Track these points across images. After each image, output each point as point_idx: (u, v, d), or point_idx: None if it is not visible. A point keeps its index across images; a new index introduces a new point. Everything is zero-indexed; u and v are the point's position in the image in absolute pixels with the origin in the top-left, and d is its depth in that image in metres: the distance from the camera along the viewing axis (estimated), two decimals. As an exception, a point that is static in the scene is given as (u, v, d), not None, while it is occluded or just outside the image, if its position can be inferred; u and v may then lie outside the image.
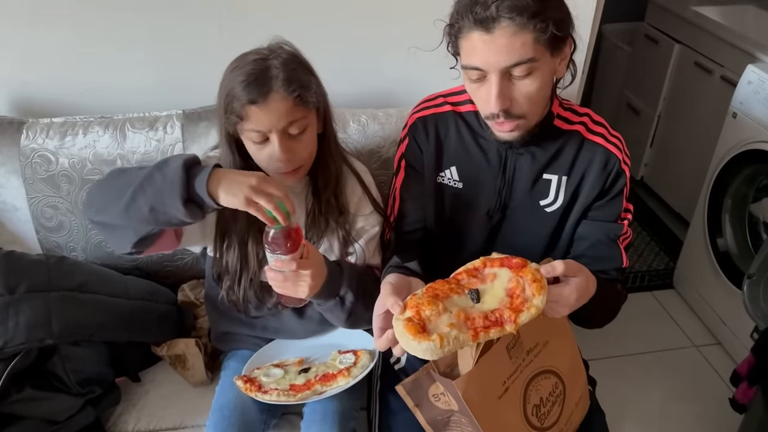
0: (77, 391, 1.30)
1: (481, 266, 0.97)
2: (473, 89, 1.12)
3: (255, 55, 1.17)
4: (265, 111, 1.14)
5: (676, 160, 2.82)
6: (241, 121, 1.15)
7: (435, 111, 1.29)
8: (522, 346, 1.02)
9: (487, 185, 1.26)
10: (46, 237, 1.54)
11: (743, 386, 1.72)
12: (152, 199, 1.04)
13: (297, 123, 1.17)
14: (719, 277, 2.20)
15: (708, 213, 2.25)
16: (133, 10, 1.56)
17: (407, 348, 0.88)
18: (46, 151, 1.49)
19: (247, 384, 1.26)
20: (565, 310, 0.99)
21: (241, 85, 1.13)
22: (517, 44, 1.01)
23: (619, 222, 1.26)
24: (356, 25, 1.67)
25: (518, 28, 1.00)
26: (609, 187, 1.24)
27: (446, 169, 1.28)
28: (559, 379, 1.09)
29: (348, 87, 1.68)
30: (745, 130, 2.06)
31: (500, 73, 1.04)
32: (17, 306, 1.23)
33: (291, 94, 1.14)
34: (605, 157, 1.22)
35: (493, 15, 1.00)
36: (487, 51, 1.03)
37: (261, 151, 1.19)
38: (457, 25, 1.06)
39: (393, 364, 1.36)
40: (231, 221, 1.25)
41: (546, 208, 1.26)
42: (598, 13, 1.74)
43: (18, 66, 1.60)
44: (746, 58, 2.22)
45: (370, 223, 1.34)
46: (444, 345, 0.86)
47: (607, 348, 2.21)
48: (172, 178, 1.03)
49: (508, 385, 1.01)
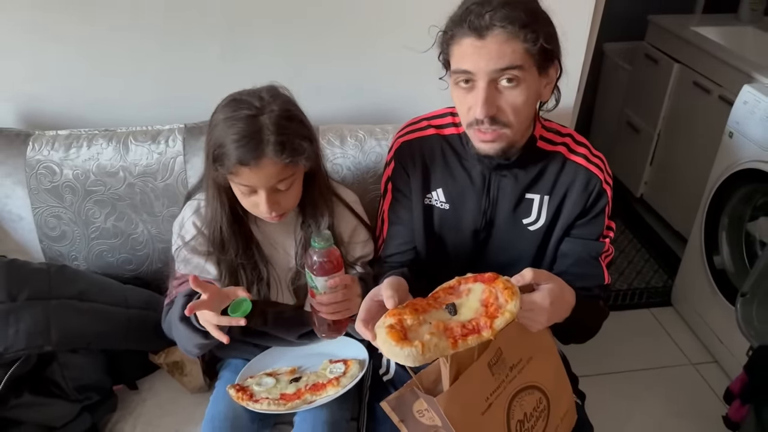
0: (75, 398, 1.32)
1: (456, 284, 1.00)
2: (460, 96, 1.14)
3: (247, 109, 1.18)
4: (255, 172, 1.17)
5: (675, 178, 2.83)
6: (230, 174, 1.20)
7: (420, 135, 1.33)
8: (505, 362, 1.03)
9: (473, 206, 1.29)
10: (49, 246, 1.58)
11: (736, 404, 1.72)
12: (180, 343, 1.26)
13: (285, 181, 1.22)
14: (716, 295, 2.21)
15: (705, 231, 2.27)
16: (138, 29, 1.61)
17: (389, 354, 0.90)
18: (51, 163, 1.53)
19: (239, 393, 1.28)
20: (542, 317, 1.01)
21: (234, 144, 1.16)
22: (508, 50, 1.06)
23: (601, 240, 1.29)
24: (353, 43, 1.70)
25: (509, 35, 1.05)
26: (590, 206, 1.27)
27: (433, 191, 1.32)
28: (543, 394, 1.10)
29: (345, 103, 1.72)
30: (741, 150, 2.08)
31: (488, 78, 1.08)
32: (18, 313, 1.26)
33: (283, 160, 1.18)
34: (587, 178, 1.25)
35: (487, 23, 1.05)
36: (478, 55, 1.07)
37: (247, 199, 1.24)
38: (450, 33, 1.11)
39: (382, 376, 1.38)
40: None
41: (529, 227, 1.29)
42: (594, 31, 1.77)
43: (26, 80, 1.65)
44: (744, 79, 2.25)
45: (367, 250, 1.39)
46: (425, 351, 0.88)
47: (605, 364, 2.22)
48: (179, 328, 1.19)
49: (492, 401, 1.02)
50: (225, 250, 1.30)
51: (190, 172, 1.55)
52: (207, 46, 1.65)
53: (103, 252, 1.58)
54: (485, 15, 1.04)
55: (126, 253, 1.59)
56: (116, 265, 1.60)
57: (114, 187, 1.54)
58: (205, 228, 1.32)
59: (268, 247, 1.35)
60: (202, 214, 1.34)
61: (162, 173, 1.55)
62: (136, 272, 1.62)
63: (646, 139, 2.96)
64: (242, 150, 1.15)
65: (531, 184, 1.26)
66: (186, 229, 1.34)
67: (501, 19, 1.04)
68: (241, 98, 1.22)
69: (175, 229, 1.37)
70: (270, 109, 1.19)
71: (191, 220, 1.34)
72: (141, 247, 1.59)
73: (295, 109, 1.24)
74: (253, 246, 1.32)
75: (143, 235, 1.58)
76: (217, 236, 1.30)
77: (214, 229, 1.30)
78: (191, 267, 1.31)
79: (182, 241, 1.33)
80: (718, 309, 2.21)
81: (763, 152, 1.97)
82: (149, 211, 1.56)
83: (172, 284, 1.36)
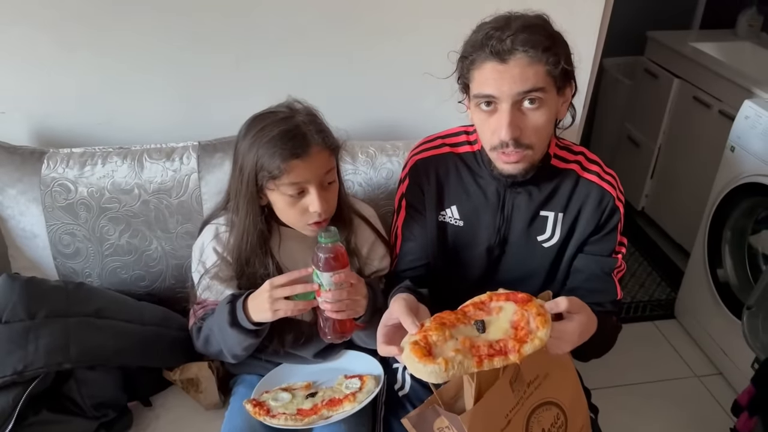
0: (92, 415, 1.32)
1: (487, 300, 1.01)
2: (482, 120, 1.16)
3: (277, 116, 1.24)
4: (308, 163, 1.21)
5: (677, 192, 2.86)
6: (279, 176, 1.21)
7: (434, 153, 1.35)
8: (523, 379, 1.05)
9: (487, 223, 1.31)
10: (63, 263, 1.59)
11: (744, 416, 1.73)
12: (227, 349, 1.29)
13: (331, 173, 1.27)
14: (720, 307, 2.23)
15: (708, 244, 2.29)
16: (153, 47, 1.63)
17: (413, 370, 0.91)
18: (66, 180, 1.54)
19: (256, 408, 1.28)
20: (567, 346, 1.03)
21: (281, 141, 1.20)
22: (530, 73, 1.08)
23: (613, 256, 1.31)
24: (365, 60, 1.73)
25: (532, 59, 1.07)
26: (604, 223, 1.29)
27: (447, 209, 1.34)
28: (560, 410, 1.12)
29: (356, 120, 1.73)
30: (743, 164, 2.11)
31: (512, 101, 1.09)
32: (37, 331, 1.26)
33: (328, 146, 1.24)
34: (600, 195, 1.28)
35: (509, 47, 1.06)
36: (501, 79, 1.08)
37: (293, 207, 1.25)
38: (471, 57, 1.12)
39: (397, 391, 1.39)
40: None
41: (543, 244, 1.31)
42: (598, 51, 1.80)
43: (41, 98, 1.66)
44: (743, 94, 2.28)
45: (384, 264, 1.41)
46: (449, 369, 0.89)
47: (609, 377, 2.23)
48: (229, 333, 1.24)
49: (511, 418, 1.03)
50: (249, 266, 1.32)
51: (204, 189, 1.56)
52: (221, 62, 1.67)
53: (117, 269, 1.59)
54: (506, 39, 1.06)
55: (140, 269, 1.60)
56: (130, 282, 1.60)
57: (128, 204, 1.55)
58: (226, 253, 1.34)
59: (290, 266, 1.36)
60: (222, 240, 1.35)
61: (176, 190, 1.56)
62: (149, 289, 1.62)
63: (647, 153, 2.99)
64: (291, 144, 1.20)
65: (545, 202, 1.29)
66: (206, 254, 1.36)
67: (523, 42, 1.06)
68: (265, 113, 1.27)
69: (195, 254, 1.39)
70: (299, 112, 1.26)
71: (211, 245, 1.36)
72: (155, 263, 1.60)
73: (317, 112, 1.30)
74: (273, 264, 1.33)
75: (157, 252, 1.59)
76: (244, 255, 1.32)
77: (240, 248, 1.32)
78: (214, 293, 1.34)
79: (203, 267, 1.35)
80: (722, 321, 2.23)
81: (765, 166, 2.00)
82: (163, 228, 1.57)
83: (195, 309, 1.38)
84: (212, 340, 1.31)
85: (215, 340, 1.30)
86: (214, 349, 1.33)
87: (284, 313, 1.19)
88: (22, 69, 1.62)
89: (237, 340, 1.25)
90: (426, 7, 1.68)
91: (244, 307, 1.22)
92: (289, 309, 1.18)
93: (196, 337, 1.36)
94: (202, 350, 1.37)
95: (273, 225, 1.35)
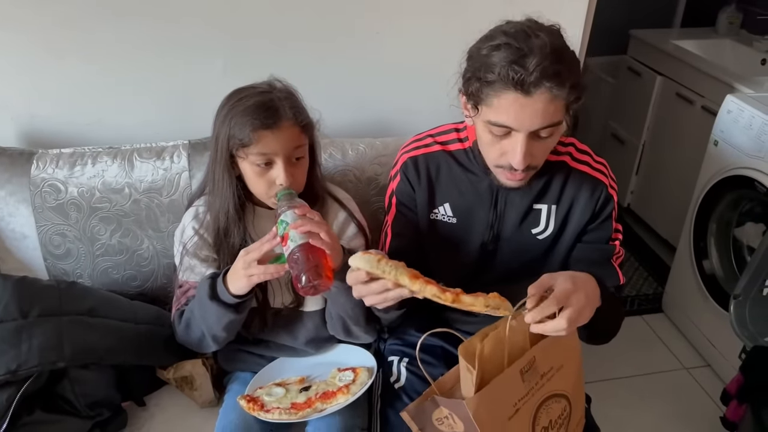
0: (86, 414, 1.31)
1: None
2: (490, 140, 1.14)
3: (257, 89, 1.29)
4: (277, 135, 1.24)
5: (662, 188, 2.90)
6: (249, 145, 1.24)
7: (425, 151, 1.35)
8: (537, 370, 1.05)
9: (480, 219, 1.32)
10: (54, 264, 1.58)
11: (733, 404, 1.76)
12: (207, 328, 1.29)
13: (300, 149, 1.29)
14: (707, 300, 2.26)
15: (694, 238, 2.32)
16: (141, 46, 1.63)
17: (351, 260, 1.05)
18: (55, 181, 1.53)
19: (249, 403, 1.29)
20: (580, 299, 1.00)
21: (254, 112, 1.23)
22: (552, 109, 1.06)
23: (610, 243, 1.32)
24: (354, 58, 1.74)
25: (555, 95, 1.04)
26: (599, 212, 1.31)
27: (440, 206, 1.34)
28: (567, 401, 1.12)
29: (346, 117, 1.75)
30: (726, 157, 2.14)
31: (529, 133, 1.09)
32: (30, 330, 1.26)
33: (299, 123, 1.26)
34: (592, 184, 1.29)
35: (534, 81, 1.02)
36: (522, 113, 1.06)
37: (261, 178, 1.28)
38: (489, 78, 1.06)
39: (393, 383, 1.40)
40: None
41: (538, 236, 1.32)
42: (583, 50, 1.83)
43: (29, 99, 1.65)
44: (725, 89, 2.32)
45: (354, 244, 1.41)
46: (381, 263, 1.02)
47: (599, 371, 2.25)
48: (209, 307, 1.25)
49: (519, 407, 1.03)
50: (228, 236, 1.33)
51: (195, 187, 1.56)
52: (209, 62, 1.67)
53: (108, 269, 1.59)
54: (533, 71, 1.01)
55: (131, 269, 1.60)
56: (121, 282, 1.60)
57: (119, 203, 1.55)
58: (204, 231, 1.36)
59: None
60: (201, 219, 1.38)
61: (167, 189, 1.56)
62: (141, 288, 1.62)
63: (631, 150, 3.03)
64: (263, 115, 1.23)
65: (538, 195, 1.30)
66: (186, 234, 1.38)
67: (549, 77, 1.02)
68: (245, 87, 1.31)
69: (177, 237, 1.41)
70: (277, 89, 1.30)
71: (191, 225, 1.38)
72: (146, 263, 1.60)
73: (296, 92, 1.33)
74: (249, 238, 1.34)
75: (148, 251, 1.59)
76: (222, 225, 1.34)
77: (218, 218, 1.34)
78: (194, 274, 1.35)
79: (183, 247, 1.37)
80: (709, 314, 2.26)
81: (747, 159, 2.04)
82: (154, 227, 1.57)
83: (177, 296, 1.38)
84: (193, 323, 1.31)
85: (196, 324, 1.31)
86: (195, 335, 1.33)
87: (258, 278, 1.19)
88: (9, 71, 1.61)
89: (216, 316, 1.25)
90: (413, 5, 1.69)
91: (224, 281, 1.23)
92: (261, 272, 1.18)
93: (177, 323, 1.36)
94: (183, 337, 1.36)
95: (247, 204, 1.37)
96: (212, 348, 1.35)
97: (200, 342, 1.34)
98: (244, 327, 1.37)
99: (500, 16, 1.15)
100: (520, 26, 1.08)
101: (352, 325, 1.34)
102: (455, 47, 1.17)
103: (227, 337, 1.31)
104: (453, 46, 1.19)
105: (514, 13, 1.14)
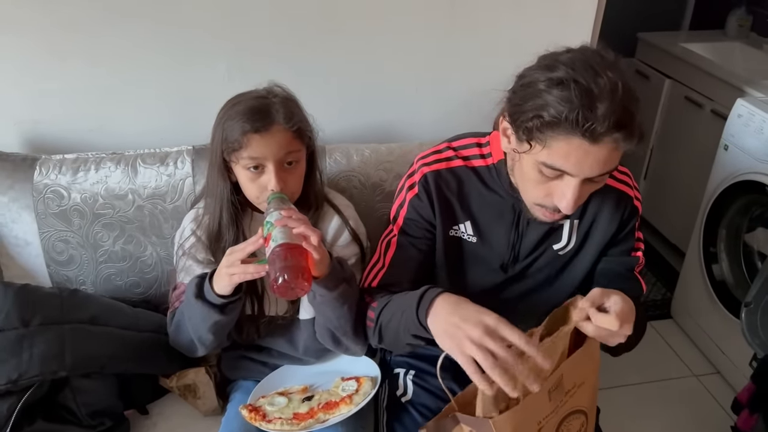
0: (88, 424, 1.30)
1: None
2: (536, 180, 1.08)
3: (254, 94, 1.29)
4: (267, 140, 1.23)
5: (671, 192, 2.87)
6: (239, 149, 1.24)
7: (447, 165, 1.27)
8: (563, 387, 1.03)
9: (501, 239, 1.27)
10: (57, 271, 1.57)
11: (744, 414, 1.73)
12: (193, 330, 1.28)
13: (293, 154, 1.27)
14: (716, 306, 2.23)
15: (703, 243, 2.30)
16: (145, 51, 1.62)
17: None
18: (58, 187, 1.52)
19: (251, 413, 1.27)
20: (629, 314, 0.99)
21: (245, 115, 1.23)
22: (614, 157, 1.01)
23: (633, 254, 1.30)
24: (358, 63, 1.73)
25: (620, 146, 0.99)
26: (625, 224, 1.27)
27: (461, 224, 1.28)
28: (585, 417, 1.10)
29: (350, 123, 1.74)
30: (737, 162, 2.12)
31: (585, 179, 1.04)
32: (32, 338, 1.24)
33: (291, 128, 1.25)
34: (617, 198, 1.25)
35: (604, 131, 0.96)
36: (585, 161, 1.00)
37: (254, 182, 1.27)
38: (552, 119, 0.98)
39: (399, 397, 1.38)
40: None
41: (559, 252, 1.28)
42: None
43: (32, 104, 1.64)
44: (735, 93, 2.29)
45: (347, 252, 1.39)
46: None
47: (607, 378, 2.22)
48: (195, 307, 1.23)
49: (543, 425, 1.01)
50: (221, 240, 1.33)
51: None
52: (213, 67, 1.66)
53: (111, 276, 1.58)
54: (605, 121, 0.95)
55: (134, 276, 1.59)
56: (124, 289, 1.59)
57: (123, 210, 1.54)
58: (201, 232, 1.36)
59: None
60: (199, 221, 1.37)
61: (171, 195, 1.55)
62: (144, 295, 1.61)
63: (640, 153, 3.00)
64: (253, 118, 1.23)
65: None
66: (184, 236, 1.38)
67: (618, 128, 0.96)
68: (245, 92, 1.31)
69: (176, 238, 1.41)
70: (275, 94, 1.29)
71: (190, 226, 1.38)
72: (149, 270, 1.58)
73: (297, 99, 1.32)
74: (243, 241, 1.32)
75: (152, 258, 1.57)
76: (216, 228, 1.33)
77: (213, 221, 1.34)
78: (190, 275, 1.33)
79: (182, 249, 1.37)
80: (719, 320, 2.24)
81: (758, 164, 2.01)
82: (158, 234, 1.56)
83: (172, 295, 1.38)
84: (182, 325, 1.31)
85: (184, 325, 1.30)
86: (184, 337, 1.32)
87: (239, 277, 1.17)
88: (12, 75, 1.60)
89: (202, 316, 1.23)
90: (418, 12, 1.67)
91: (210, 282, 1.21)
92: (242, 271, 1.16)
93: (169, 324, 1.35)
94: (173, 339, 1.36)
95: (247, 208, 1.37)
96: (201, 352, 1.33)
97: (189, 345, 1.33)
98: (238, 334, 1.36)
99: (508, 22, 1.12)
100: (583, 59, 1.00)
101: (341, 336, 1.30)
102: (461, 53, 1.15)
103: (214, 340, 1.29)
104: (458, 52, 1.17)
105: (522, 16, 1.12)
